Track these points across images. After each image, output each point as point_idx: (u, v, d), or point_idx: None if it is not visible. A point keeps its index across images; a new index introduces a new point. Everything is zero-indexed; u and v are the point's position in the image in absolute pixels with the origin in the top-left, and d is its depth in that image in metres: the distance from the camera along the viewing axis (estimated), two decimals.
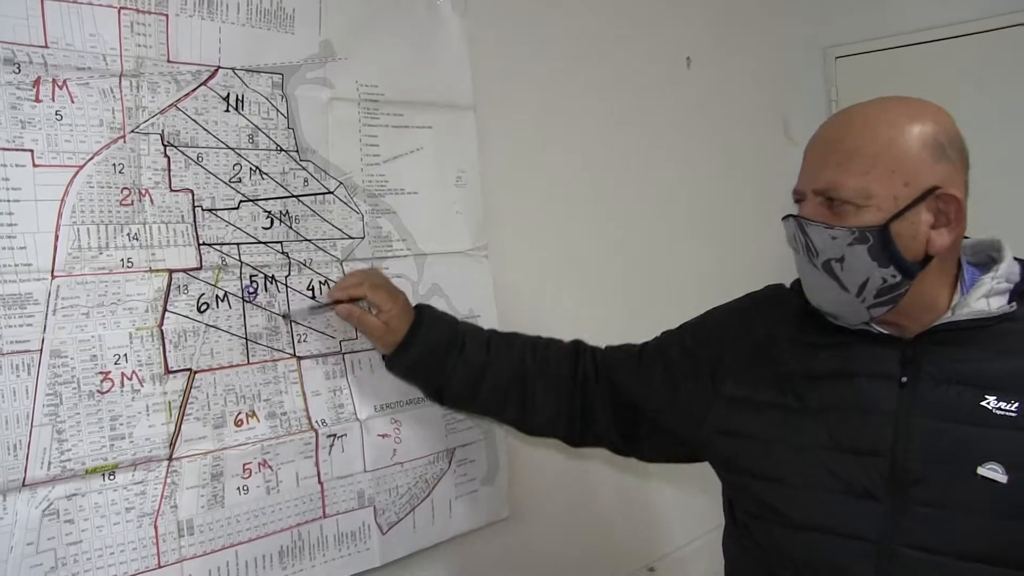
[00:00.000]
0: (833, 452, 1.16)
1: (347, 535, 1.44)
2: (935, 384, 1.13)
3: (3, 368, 1.10)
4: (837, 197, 1.11)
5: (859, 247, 1.10)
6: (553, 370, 1.46)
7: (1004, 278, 1.14)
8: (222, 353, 1.31)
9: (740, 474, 1.28)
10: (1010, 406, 1.08)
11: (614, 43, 2.11)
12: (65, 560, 1.14)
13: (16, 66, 1.11)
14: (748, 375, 1.29)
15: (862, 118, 1.14)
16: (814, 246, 1.14)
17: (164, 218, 1.25)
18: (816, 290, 1.18)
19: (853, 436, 1.15)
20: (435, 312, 1.47)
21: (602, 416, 1.46)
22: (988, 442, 1.07)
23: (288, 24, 1.38)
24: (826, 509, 1.16)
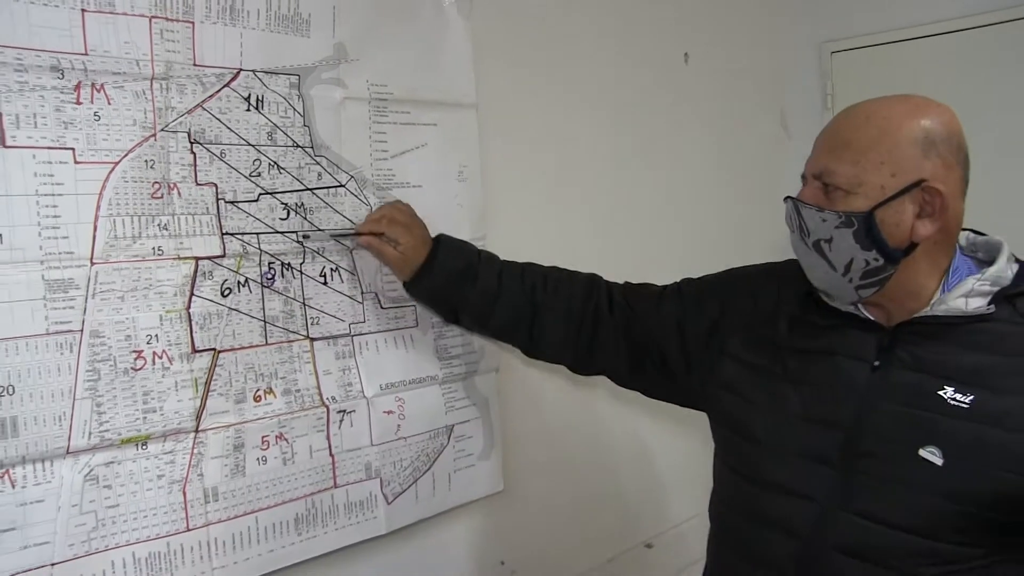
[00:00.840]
0: (803, 421, 1.26)
1: (356, 504, 1.55)
2: (902, 371, 1.20)
3: (49, 347, 1.20)
4: (830, 183, 1.19)
5: (845, 230, 1.18)
6: (563, 301, 1.56)
7: (990, 281, 1.19)
8: (243, 334, 1.41)
9: (731, 430, 1.38)
10: (965, 398, 1.14)
11: (612, 41, 2.17)
12: (104, 521, 1.25)
13: (60, 72, 1.21)
14: (751, 339, 1.38)
15: (864, 113, 1.21)
16: (806, 226, 1.23)
17: (191, 210, 1.35)
18: (809, 267, 1.27)
19: (822, 409, 1.25)
20: (453, 243, 1.58)
21: (612, 347, 1.55)
22: (934, 427, 1.15)
23: (304, 28, 1.48)
24: (786, 470, 1.26)
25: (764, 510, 1.28)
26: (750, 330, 1.39)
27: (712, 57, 2.48)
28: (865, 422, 1.21)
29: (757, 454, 1.31)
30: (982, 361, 1.16)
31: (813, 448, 1.24)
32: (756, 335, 1.38)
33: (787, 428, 1.28)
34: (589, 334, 1.56)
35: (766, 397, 1.32)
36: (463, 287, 1.54)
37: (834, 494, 1.21)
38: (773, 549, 1.26)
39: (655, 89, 2.31)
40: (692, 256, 2.34)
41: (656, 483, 2.28)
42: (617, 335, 1.55)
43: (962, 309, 1.19)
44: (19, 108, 1.17)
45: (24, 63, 1.17)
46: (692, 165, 2.41)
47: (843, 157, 1.19)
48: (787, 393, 1.29)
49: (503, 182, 1.87)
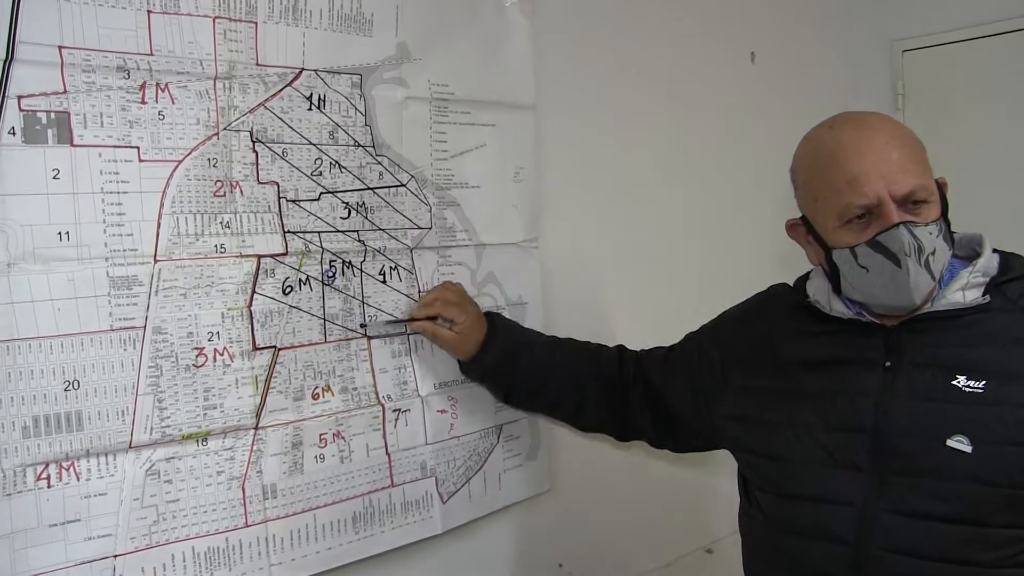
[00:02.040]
0: (825, 431, 1.28)
1: (412, 503, 1.56)
2: (914, 367, 1.24)
3: (113, 342, 1.22)
4: (919, 199, 1.21)
5: (940, 237, 1.22)
6: (604, 375, 1.61)
7: (981, 272, 1.25)
8: (303, 332, 1.42)
9: (748, 453, 1.41)
10: (978, 384, 1.19)
11: (676, 41, 2.14)
12: (165, 515, 1.27)
13: (126, 72, 1.23)
14: (753, 365, 1.42)
15: (890, 126, 1.26)
16: (923, 245, 1.20)
17: (253, 208, 1.37)
18: (912, 289, 1.22)
19: (842, 416, 1.27)
20: (506, 321, 1.62)
21: (641, 414, 1.61)
22: (956, 417, 1.19)
23: (367, 28, 1.48)
24: (818, 480, 1.28)
25: (805, 522, 1.29)
26: (750, 358, 1.43)
27: (779, 56, 2.45)
28: (887, 421, 1.23)
29: (786, 470, 1.33)
30: (986, 348, 1.21)
31: (841, 455, 1.26)
32: (758, 360, 1.41)
33: (811, 440, 1.29)
34: (623, 404, 1.62)
35: (783, 414, 1.34)
36: (519, 363, 1.58)
37: (870, 496, 1.23)
38: (824, 559, 1.27)
39: (720, 89, 2.28)
40: (757, 263, 2.31)
41: (716, 487, 2.24)
42: (644, 402, 1.60)
43: (961, 302, 1.24)
44: (87, 108, 1.19)
45: (92, 64, 1.19)
46: (758, 168, 2.35)
47: (915, 170, 1.22)
48: (803, 406, 1.31)
49: (558, 185, 1.86)
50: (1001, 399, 1.17)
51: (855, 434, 1.25)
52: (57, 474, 1.18)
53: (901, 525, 1.20)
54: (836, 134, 1.28)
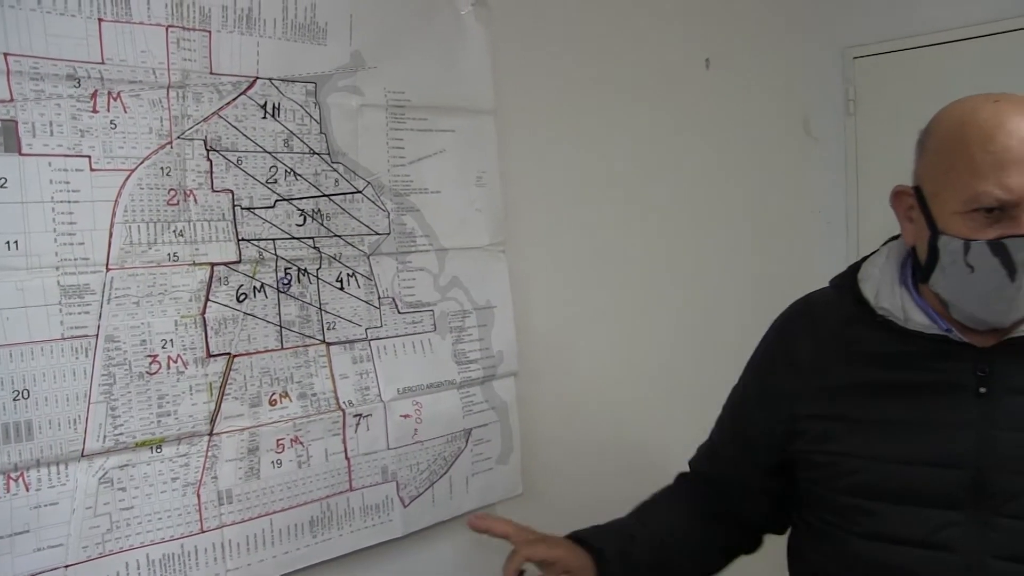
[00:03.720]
0: (917, 466, 1.14)
1: (372, 507, 1.56)
2: (1013, 395, 1.11)
3: (65, 351, 1.22)
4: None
5: None
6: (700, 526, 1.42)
7: None
8: (258, 339, 1.43)
9: (816, 501, 1.26)
10: None
11: (632, 46, 2.16)
12: (119, 523, 1.27)
13: (76, 81, 1.23)
14: (817, 395, 1.25)
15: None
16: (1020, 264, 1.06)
17: (207, 216, 1.37)
18: (1017, 309, 1.10)
19: (933, 448, 1.13)
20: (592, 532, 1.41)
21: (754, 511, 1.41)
22: None
23: (321, 36, 1.49)
24: (909, 522, 1.14)
25: (893, 568, 1.15)
26: (813, 389, 1.25)
27: (734, 62, 2.47)
28: (990, 457, 1.11)
29: (869, 508, 1.18)
30: None
31: (937, 493, 1.12)
32: (821, 389, 1.25)
33: (896, 474, 1.15)
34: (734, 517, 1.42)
35: (860, 446, 1.19)
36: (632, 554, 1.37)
37: (975, 541, 1.11)
38: None
39: (676, 94, 2.30)
40: (712, 259, 2.35)
41: None
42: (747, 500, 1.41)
43: None
44: (35, 116, 1.19)
45: (40, 72, 1.19)
46: (713, 169, 2.39)
47: None
48: (885, 437, 1.17)
49: (521, 187, 1.87)
50: None
51: (953, 470, 1.11)
52: (4, 485, 1.17)
53: (1014, 572, 1.08)
54: (1000, 109, 1.08)
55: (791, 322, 1.35)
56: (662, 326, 2.20)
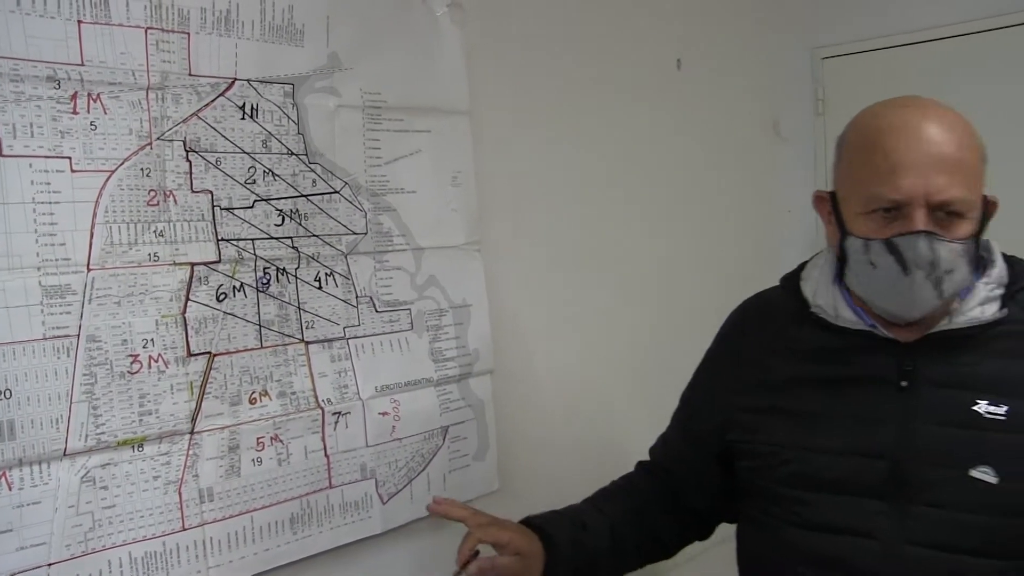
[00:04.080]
0: (841, 455, 1.21)
1: (351, 504, 1.58)
2: (932, 388, 1.17)
3: (47, 351, 1.23)
4: (955, 211, 1.12)
5: (965, 258, 1.14)
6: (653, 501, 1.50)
7: (996, 283, 1.18)
8: (238, 338, 1.44)
9: (756, 482, 1.33)
10: (999, 409, 1.13)
11: (604, 47, 2.19)
12: (101, 522, 1.28)
13: (56, 82, 1.23)
14: (751, 388, 1.33)
15: (957, 124, 1.15)
16: (939, 261, 1.12)
17: (186, 216, 1.38)
18: (911, 304, 1.16)
19: (856, 439, 1.20)
20: (545, 516, 1.49)
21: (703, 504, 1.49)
22: (979, 445, 1.13)
23: (298, 38, 1.51)
24: (836, 509, 1.20)
25: (821, 554, 1.22)
26: (752, 381, 1.34)
27: (704, 63, 2.50)
28: (907, 447, 1.17)
29: (799, 496, 1.25)
30: (1007, 367, 1.15)
31: (860, 482, 1.19)
32: (757, 382, 1.33)
33: (823, 464, 1.22)
34: (684, 511, 1.51)
35: (791, 437, 1.26)
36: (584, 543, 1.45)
37: (894, 528, 1.17)
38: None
39: (648, 94, 2.32)
40: (684, 258, 2.38)
41: None
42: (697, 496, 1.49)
43: (979, 318, 1.17)
44: (15, 118, 1.20)
45: (20, 73, 1.20)
46: (684, 170, 2.42)
47: (960, 180, 1.13)
48: (814, 427, 1.24)
49: (497, 187, 1.89)
50: (1022, 426, 1.12)
51: (874, 460, 1.18)
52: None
53: (925, 558, 1.14)
54: (898, 114, 1.16)
55: (740, 318, 1.44)
56: (635, 324, 2.23)
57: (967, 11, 2.51)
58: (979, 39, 2.50)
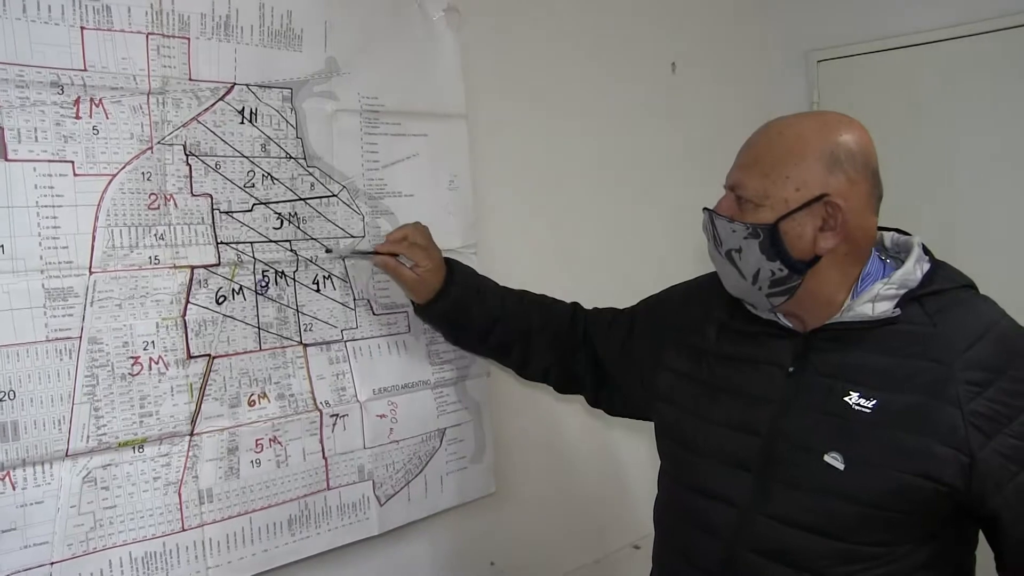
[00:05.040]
0: (727, 428, 1.31)
1: (348, 506, 1.59)
2: (815, 376, 1.25)
3: (49, 353, 1.25)
4: (742, 195, 1.25)
5: (752, 241, 1.23)
6: (554, 328, 1.64)
7: (896, 284, 1.23)
8: (237, 340, 1.45)
9: (669, 438, 1.44)
10: (868, 403, 1.19)
11: (600, 51, 2.21)
12: (102, 522, 1.29)
13: (60, 88, 1.25)
14: (683, 347, 1.44)
15: (777, 128, 1.26)
16: (719, 236, 1.28)
17: (186, 220, 1.40)
18: (723, 276, 1.33)
19: (743, 415, 1.30)
20: (464, 269, 1.63)
21: (584, 371, 1.65)
22: (838, 433, 1.20)
23: (297, 43, 1.52)
24: (712, 475, 1.31)
25: (695, 514, 1.34)
26: (682, 340, 1.45)
27: (699, 66, 2.51)
28: (779, 428, 1.26)
29: (689, 460, 1.37)
30: (888, 364, 1.20)
31: (735, 454, 1.29)
32: (687, 344, 1.43)
33: (713, 434, 1.33)
34: (569, 360, 1.65)
35: (695, 404, 1.37)
36: (470, 311, 1.60)
37: (751, 498, 1.26)
38: (703, 553, 1.32)
39: (643, 98, 2.34)
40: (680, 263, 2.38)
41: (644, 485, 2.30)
42: (587, 362, 1.64)
43: (868, 314, 1.22)
44: (20, 123, 1.22)
45: (25, 79, 1.22)
46: (679, 173, 2.43)
47: (753, 171, 1.24)
48: (713, 399, 1.34)
49: (493, 191, 1.91)
50: (887, 420, 1.17)
51: (750, 436, 1.28)
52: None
53: (772, 530, 1.24)
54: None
55: (700, 286, 1.53)
56: None
57: (961, 14, 2.53)
58: (973, 42, 2.52)
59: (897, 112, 2.64)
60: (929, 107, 2.62)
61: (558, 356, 1.65)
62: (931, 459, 1.14)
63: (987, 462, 1.13)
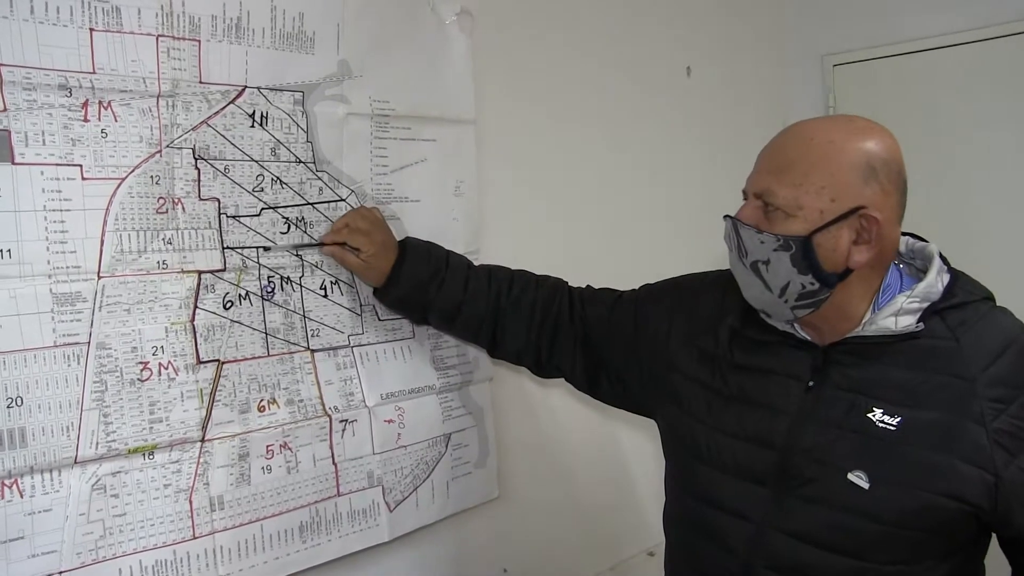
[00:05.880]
0: (740, 440, 1.28)
1: (359, 512, 1.58)
2: (835, 390, 1.21)
3: (57, 358, 1.23)
4: (771, 203, 1.18)
5: (783, 253, 1.18)
6: (527, 307, 1.58)
7: (919, 297, 1.19)
8: (245, 346, 1.44)
9: (677, 443, 1.40)
10: (892, 420, 1.16)
11: (614, 55, 2.19)
12: (112, 530, 1.28)
13: (68, 91, 1.24)
14: (694, 350, 1.38)
15: (808, 133, 1.20)
16: (745, 246, 1.22)
17: (194, 224, 1.38)
18: (745, 286, 1.26)
19: (758, 427, 1.26)
20: (419, 249, 1.57)
21: (570, 354, 1.58)
22: (862, 451, 1.17)
23: (309, 46, 1.51)
24: (725, 488, 1.28)
25: (707, 526, 1.31)
26: (693, 341, 1.40)
27: (714, 70, 2.50)
28: (798, 443, 1.22)
29: (699, 470, 1.33)
30: (911, 379, 1.17)
31: (749, 467, 1.26)
32: (697, 346, 1.39)
33: (725, 445, 1.29)
34: (549, 340, 1.59)
35: (707, 412, 1.33)
36: (429, 293, 1.55)
37: (767, 513, 1.24)
38: (716, 565, 1.29)
39: (657, 103, 2.33)
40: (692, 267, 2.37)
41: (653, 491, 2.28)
42: (575, 343, 1.57)
43: (891, 328, 1.19)
44: (28, 126, 1.20)
45: (33, 82, 1.20)
46: (693, 179, 2.42)
47: (784, 179, 1.18)
48: (725, 409, 1.30)
49: (499, 197, 1.89)
50: (910, 439, 1.15)
51: (765, 449, 1.24)
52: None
53: (789, 546, 1.21)
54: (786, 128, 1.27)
55: (714, 283, 1.46)
56: None
57: (976, 19, 2.52)
58: (988, 46, 2.51)
59: (913, 116, 2.62)
60: (945, 111, 2.61)
61: (533, 337, 1.58)
62: (956, 478, 1.12)
63: (1013, 481, 1.12)
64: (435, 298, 1.56)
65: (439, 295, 1.56)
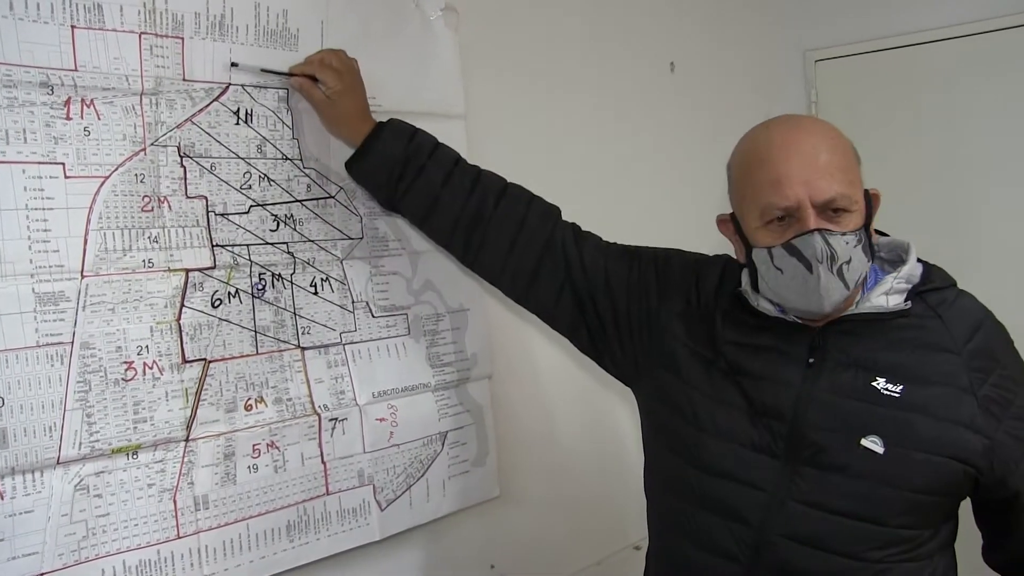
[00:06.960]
0: (748, 413, 1.30)
1: (348, 511, 1.57)
2: (836, 366, 1.26)
3: (40, 358, 1.22)
4: (840, 207, 1.21)
5: (859, 248, 1.23)
6: (513, 222, 1.51)
7: (905, 279, 1.28)
8: (233, 344, 1.43)
9: (671, 410, 1.38)
10: (896, 388, 1.22)
11: (598, 50, 2.19)
12: (95, 530, 1.27)
13: (50, 88, 1.23)
14: (692, 324, 1.40)
15: (824, 131, 1.26)
16: (837, 254, 1.21)
17: (181, 222, 1.37)
18: (826, 294, 1.22)
19: (765, 401, 1.28)
20: (402, 129, 1.51)
21: (555, 288, 1.50)
22: (872, 417, 1.22)
23: (292, 43, 1.50)
24: (733, 459, 1.30)
25: (714, 498, 1.31)
26: (690, 316, 1.41)
27: (698, 65, 2.51)
28: (806, 414, 1.26)
29: (703, 440, 1.33)
30: (906, 354, 1.24)
31: (759, 439, 1.28)
32: (696, 323, 1.40)
33: (732, 419, 1.31)
34: (533, 267, 1.50)
35: (710, 386, 1.34)
36: (403, 177, 1.49)
37: (781, 484, 1.26)
38: (726, 536, 1.30)
39: (641, 98, 2.33)
40: None
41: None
42: (561, 276, 1.50)
43: (884, 306, 1.27)
44: (8, 124, 1.19)
45: (13, 79, 1.19)
46: (678, 173, 2.43)
47: (840, 179, 1.22)
48: (729, 385, 1.33)
49: None
50: (917, 405, 1.21)
51: (775, 421, 1.27)
52: None
53: (805, 515, 1.24)
54: (770, 133, 1.28)
55: (711, 264, 1.48)
56: None
57: (959, 14, 2.54)
58: (970, 42, 2.53)
59: (894, 111, 2.65)
60: (927, 107, 2.63)
61: (515, 258, 1.50)
62: (960, 441, 1.20)
63: (1003, 443, 1.22)
64: (411, 185, 1.49)
65: (414, 183, 1.48)
